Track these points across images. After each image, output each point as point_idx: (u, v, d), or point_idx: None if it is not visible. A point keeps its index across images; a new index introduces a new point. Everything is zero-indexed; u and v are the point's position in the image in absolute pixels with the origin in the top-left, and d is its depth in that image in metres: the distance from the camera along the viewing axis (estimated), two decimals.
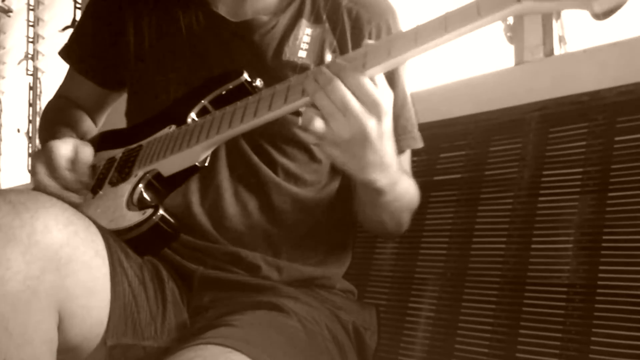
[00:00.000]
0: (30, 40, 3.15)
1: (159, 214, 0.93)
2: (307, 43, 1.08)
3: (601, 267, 1.05)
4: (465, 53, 1.59)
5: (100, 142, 1.14)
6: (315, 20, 1.10)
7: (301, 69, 1.07)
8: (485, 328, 1.17)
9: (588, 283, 1.06)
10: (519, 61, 1.39)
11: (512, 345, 1.12)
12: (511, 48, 1.42)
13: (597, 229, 1.07)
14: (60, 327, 0.79)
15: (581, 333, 1.04)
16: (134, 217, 0.95)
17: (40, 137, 1.27)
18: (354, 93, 0.80)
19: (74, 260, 0.80)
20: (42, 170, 1.01)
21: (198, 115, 1.03)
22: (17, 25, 3.32)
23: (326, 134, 0.82)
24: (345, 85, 0.80)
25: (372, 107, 0.81)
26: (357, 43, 1.08)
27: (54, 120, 1.23)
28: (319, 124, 0.81)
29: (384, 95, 0.82)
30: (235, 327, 0.85)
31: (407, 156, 1.14)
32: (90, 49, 1.22)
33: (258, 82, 1.01)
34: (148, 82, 1.12)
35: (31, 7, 3.14)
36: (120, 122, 1.21)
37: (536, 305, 1.12)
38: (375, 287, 1.38)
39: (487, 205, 1.25)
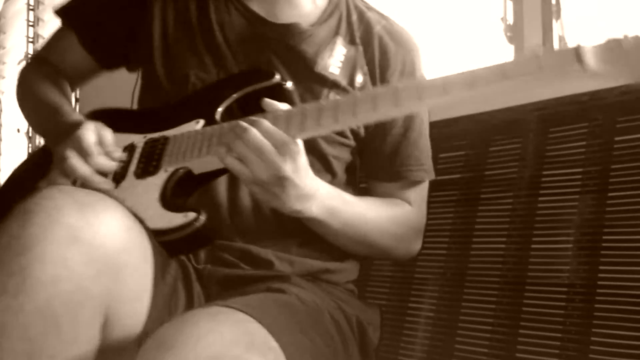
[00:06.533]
0: (30, 40, 3.15)
1: (201, 218, 0.91)
2: (340, 61, 1.09)
3: (601, 267, 1.05)
4: (465, 53, 1.59)
5: (108, 122, 1.06)
6: (350, 40, 1.12)
7: (332, 84, 1.08)
8: (485, 328, 1.17)
9: (588, 283, 1.06)
10: None
11: (512, 345, 1.12)
12: (511, 48, 1.42)
13: (597, 229, 1.07)
14: (103, 330, 0.80)
15: (581, 333, 1.04)
16: (174, 219, 0.91)
17: (31, 109, 1.20)
18: (267, 138, 0.87)
19: (128, 266, 0.81)
20: (73, 155, 0.97)
21: (225, 110, 1.01)
22: (17, 25, 3.31)
23: (247, 177, 0.89)
24: (259, 132, 0.87)
25: (284, 147, 0.87)
26: (384, 72, 1.11)
27: (50, 94, 1.17)
28: (242, 169, 0.89)
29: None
30: (240, 299, 0.86)
31: (420, 188, 1.15)
32: (102, 26, 1.17)
33: (289, 85, 1.02)
34: (169, 67, 1.10)
35: (31, 7, 3.13)
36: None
37: (536, 305, 1.12)
38: (375, 287, 1.38)
39: (487, 205, 1.25)
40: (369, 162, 1.15)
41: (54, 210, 0.77)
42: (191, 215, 0.91)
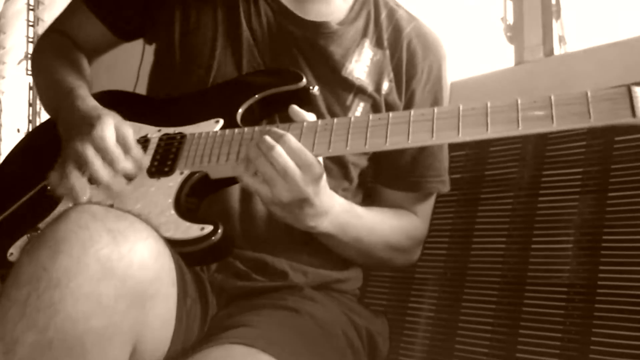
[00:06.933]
0: (30, 40, 3.14)
1: (219, 232, 0.86)
2: (367, 66, 1.07)
3: (601, 267, 1.05)
4: (465, 53, 1.59)
5: (119, 106, 1.00)
6: (377, 43, 1.09)
7: (358, 89, 1.05)
8: (485, 328, 1.17)
9: (588, 283, 1.06)
10: (519, 61, 1.39)
11: (512, 345, 1.12)
12: (511, 48, 1.42)
13: (597, 229, 1.07)
14: (130, 357, 0.78)
15: (581, 333, 1.04)
16: (190, 230, 0.86)
17: (44, 86, 1.14)
18: (292, 157, 0.83)
19: (158, 295, 0.79)
20: (94, 157, 0.89)
21: (246, 111, 0.97)
22: (17, 25, 3.31)
23: (267, 197, 0.86)
24: (285, 150, 0.83)
25: (308, 169, 0.84)
26: (410, 80, 1.09)
27: (64, 72, 1.11)
28: (262, 189, 0.85)
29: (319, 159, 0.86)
30: (256, 328, 0.85)
31: (430, 201, 1.15)
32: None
33: (315, 90, 1.00)
34: (188, 51, 1.06)
35: (31, 7, 3.13)
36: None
37: (536, 305, 1.12)
38: (375, 287, 1.38)
39: (487, 205, 1.25)
40: (386, 170, 1.12)
41: (88, 241, 0.72)
42: (208, 228, 0.86)
